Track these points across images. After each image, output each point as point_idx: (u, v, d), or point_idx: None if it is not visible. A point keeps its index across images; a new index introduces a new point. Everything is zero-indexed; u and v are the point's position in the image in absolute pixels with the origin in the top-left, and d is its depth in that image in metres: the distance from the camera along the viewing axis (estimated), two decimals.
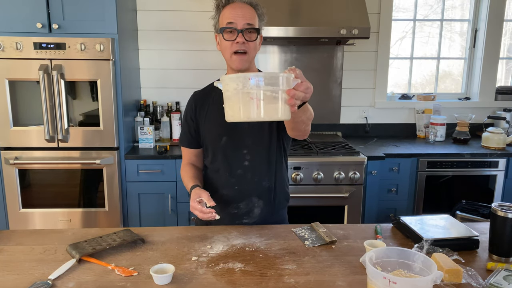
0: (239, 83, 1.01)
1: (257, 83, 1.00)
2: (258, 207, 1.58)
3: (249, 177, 1.56)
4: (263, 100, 1.01)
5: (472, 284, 1.13)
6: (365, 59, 3.32)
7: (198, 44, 3.17)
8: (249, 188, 1.56)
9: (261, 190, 1.57)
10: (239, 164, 1.55)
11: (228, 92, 1.05)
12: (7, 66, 2.54)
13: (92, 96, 2.62)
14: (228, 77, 1.04)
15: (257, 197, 1.57)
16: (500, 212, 1.26)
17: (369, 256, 1.02)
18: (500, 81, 3.54)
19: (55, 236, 1.44)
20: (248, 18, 1.44)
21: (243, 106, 1.02)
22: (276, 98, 1.02)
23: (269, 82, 1.01)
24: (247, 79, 1.00)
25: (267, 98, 1.01)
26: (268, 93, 1.01)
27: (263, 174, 1.56)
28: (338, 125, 3.38)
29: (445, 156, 2.82)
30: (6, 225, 2.72)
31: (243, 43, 1.44)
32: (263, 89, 1.00)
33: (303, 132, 1.41)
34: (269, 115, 1.03)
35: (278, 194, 1.62)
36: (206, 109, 1.59)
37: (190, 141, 1.64)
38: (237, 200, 1.57)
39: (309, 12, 2.80)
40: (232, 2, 1.46)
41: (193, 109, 1.61)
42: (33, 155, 2.65)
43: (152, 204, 2.76)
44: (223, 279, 1.17)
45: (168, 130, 3.04)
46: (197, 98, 1.63)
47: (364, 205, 2.74)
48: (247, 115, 1.03)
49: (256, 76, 1.01)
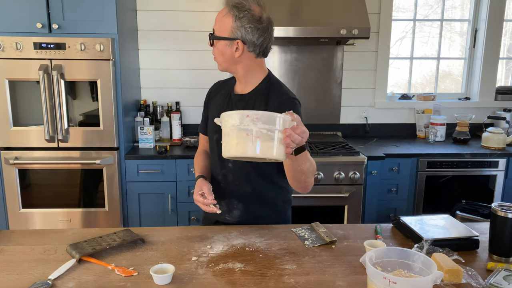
0: (237, 119, 1.04)
1: (254, 121, 1.03)
2: (238, 209, 1.56)
3: (230, 179, 1.55)
4: (258, 138, 1.04)
5: (472, 284, 1.13)
6: (365, 59, 3.32)
7: (198, 44, 3.17)
8: (230, 189, 1.55)
9: (241, 194, 1.54)
10: (224, 165, 1.54)
11: (226, 128, 1.09)
12: (7, 66, 2.54)
13: (92, 96, 2.62)
14: (227, 114, 1.08)
15: (236, 199, 1.55)
16: (500, 212, 1.26)
17: (369, 256, 1.02)
18: (500, 81, 3.54)
19: (55, 236, 1.44)
20: (215, 22, 1.45)
21: (239, 142, 1.05)
22: (272, 137, 1.05)
23: (266, 121, 1.04)
24: (244, 116, 1.03)
25: (263, 136, 1.04)
26: (264, 131, 1.04)
27: (244, 180, 1.53)
28: (338, 125, 3.38)
29: (445, 156, 2.82)
30: (6, 225, 2.72)
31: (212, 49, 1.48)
32: (259, 126, 1.03)
33: (303, 184, 1.37)
34: (264, 152, 1.05)
35: (260, 200, 1.56)
36: (214, 104, 1.61)
37: (204, 127, 1.68)
38: (220, 197, 1.55)
39: (309, 12, 2.80)
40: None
41: (208, 97, 1.66)
42: (33, 155, 2.65)
43: (152, 204, 2.76)
44: (223, 279, 1.17)
45: (168, 130, 3.04)
46: (214, 87, 1.67)
47: (364, 205, 2.74)
48: (242, 151, 1.05)
49: (254, 114, 1.03)
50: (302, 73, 3.27)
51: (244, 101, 1.51)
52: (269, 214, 1.60)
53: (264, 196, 1.56)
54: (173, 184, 2.73)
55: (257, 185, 1.53)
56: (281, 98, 1.48)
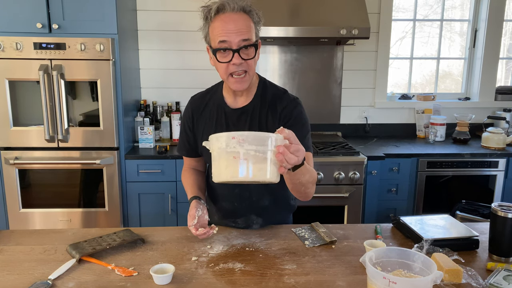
0: (223, 142, 0.99)
1: (240, 143, 0.97)
2: (257, 224, 1.51)
3: (247, 196, 1.48)
4: (248, 160, 0.98)
5: (472, 284, 1.13)
6: (365, 59, 3.32)
7: (198, 44, 3.16)
8: (247, 206, 1.49)
9: (260, 208, 1.49)
10: (237, 184, 1.38)
11: (214, 152, 1.03)
12: (7, 66, 2.54)
13: (92, 96, 2.62)
14: (214, 137, 1.02)
15: (255, 215, 1.50)
16: (500, 212, 1.26)
17: (369, 256, 1.02)
18: (500, 81, 3.54)
19: (55, 236, 1.44)
20: (243, 32, 1.25)
21: (228, 165, 0.99)
22: (262, 159, 0.99)
23: (253, 142, 0.98)
24: (230, 138, 0.98)
25: (252, 157, 0.98)
26: (252, 152, 0.98)
27: (261, 194, 1.48)
28: (338, 125, 3.38)
29: (445, 156, 2.82)
30: (6, 225, 2.72)
31: (241, 63, 1.27)
32: (246, 148, 0.97)
33: (304, 194, 1.30)
34: (255, 175, 0.99)
35: (278, 210, 1.56)
36: (203, 124, 1.46)
37: (188, 150, 1.55)
38: (236, 216, 1.51)
39: (309, 12, 2.80)
40: (222, 13, 1.26)
41: (191, 119, 1.49)
42: (33, 155, 2.65)
43: (152, 204, 2.76)
44: (223, 279, 1.17)
45: (168, 130, 3.04)
46: (195, 106, 1.49)
47: (364, 205, 2.74)
48: (232, 175, 0.99)
49: (240, 136, 0.97)
50: (302, 73, 3.27)
51: (248, 114, 1.40)
52: (286, 216, 1.63)
53: (281, 202, 1.56)
54: (173, 184, 2.73)
55: (275, 194, 1.50)
56: (283, 103, 1.40)
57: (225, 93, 1.45)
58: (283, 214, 1.61)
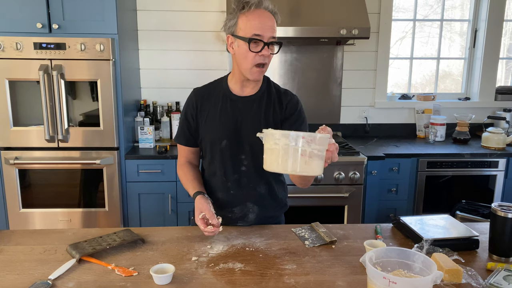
0: (292, 140, 1.11)
1: (309, 142, 1.11)
2: (253, 212, 1.56)
3: (245, 183, 1.54)
4: (312, 157, 1.12)
5: (472, 284, 1.13)
6: (365, 59, 3.32)
7: (198, 44, 3.17)
8: (245, 193, 1.55)
9: (257, 196, 1.56)
10: (236, 169, 1.52)
11: (277, 145, 1.13)
12: (7, 66, 2.54)
13: (92, 96, 2.62)
14: (280, 133, 1.12)
15: (252, 202, 1.55)
16: (500, 212, 1.26)
17: (369, 256, 1.02)
18: (500, 81, 3.54)
19: (55, 236, 1.44)
20: (274, 30, 1.43)
21: (287, 159, 1.12)
22: (322, 157, 1.14)
23: (318, 142, 1.12)
24: (300, 137, 1.10)
25: (316, 156, 1.13)
26: (316, 151, 1.12)
27: (259, 181, 1.55)
28: (338, 125, 3.38)
29: (445, 156, 2.82)
30: (6, 225, 2.72)
31: (268, 55, 1.43)
32: (313, 147, 1.11)
33: (307, 182, 1.45)
34: (314, 170, 1.14)
35: (274, 200, 1.60)
36: (208, 110, 1.53)
37: (188, 139, 1.59)
38: (232, 205, 1.56)
39: (309, 12, 2.80)
40: (259, 8, 1.42)
41: (194, 107, 1.55)
42: (33, 155, 2.65)
43: (152, 204, 2.76)
44: (223, 279, 1.17)
45: (168, 130, 3.05)
46: (199, 96, 1.56)
47: (364, 205, 2.74)
48: (294, 169, 1.12)
49: (309, 136, 1.11)
50: (302, 73, 3.27)
51: (255, 102, 1.52)
52: (279, 213, 1.67)
53: (275, 195, 1.60)
54: (173, 184, 2.73)
55: (271, 184, 1.58)
56: (288, 98, 1.55)
57: (231, 84, 1.55)
58: (276, 208, 1.63)
